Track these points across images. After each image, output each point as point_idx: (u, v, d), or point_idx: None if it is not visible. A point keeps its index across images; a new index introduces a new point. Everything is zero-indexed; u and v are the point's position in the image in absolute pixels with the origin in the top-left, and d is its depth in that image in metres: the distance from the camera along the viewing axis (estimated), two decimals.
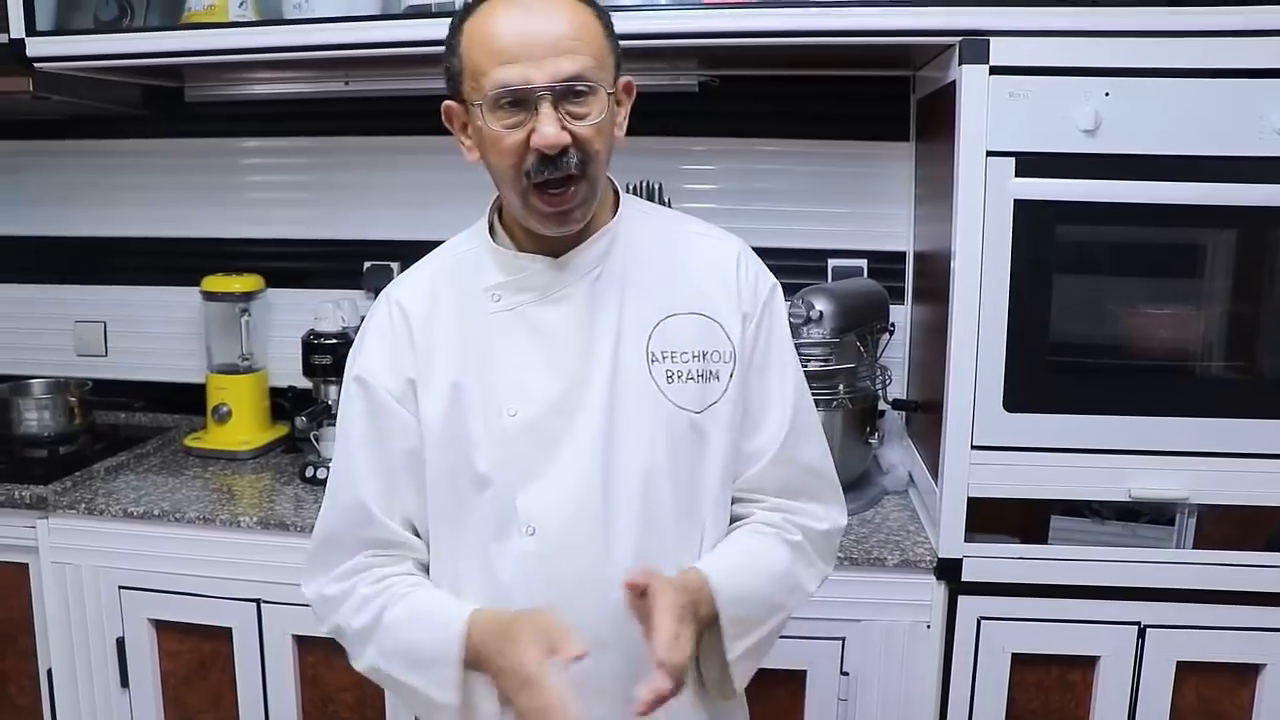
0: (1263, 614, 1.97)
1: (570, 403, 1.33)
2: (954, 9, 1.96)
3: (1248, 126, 1.85)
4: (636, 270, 1.39)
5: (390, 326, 1.41)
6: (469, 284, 1.40)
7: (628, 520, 1.32)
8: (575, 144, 1.25)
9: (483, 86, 1.25)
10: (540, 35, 1.23)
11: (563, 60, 1.22)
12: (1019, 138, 1.89)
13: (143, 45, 2.35)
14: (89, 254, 2.94)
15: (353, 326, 2.54)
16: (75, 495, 2.31)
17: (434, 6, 2.21)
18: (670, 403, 1.35)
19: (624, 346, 1.35)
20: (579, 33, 1.25)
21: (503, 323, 1.37)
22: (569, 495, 1.32)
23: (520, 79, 1.22)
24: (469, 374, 1.36)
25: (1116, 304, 2.01)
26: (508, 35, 1.23)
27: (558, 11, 1.25)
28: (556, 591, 1.30)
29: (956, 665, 2.04)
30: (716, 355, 1.37)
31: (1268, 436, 1.93)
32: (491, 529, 1.34)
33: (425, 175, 2.72)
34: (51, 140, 2.92)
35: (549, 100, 1.23)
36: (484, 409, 1.34)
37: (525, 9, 1.25)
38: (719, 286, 1.41)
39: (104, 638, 2.28)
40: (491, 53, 1.24)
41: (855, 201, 2.57)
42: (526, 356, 1.35)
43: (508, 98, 1.24)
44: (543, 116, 1.23)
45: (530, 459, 1.32)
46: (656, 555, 1.32)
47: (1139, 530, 2.00)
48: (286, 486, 2.44)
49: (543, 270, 1.36)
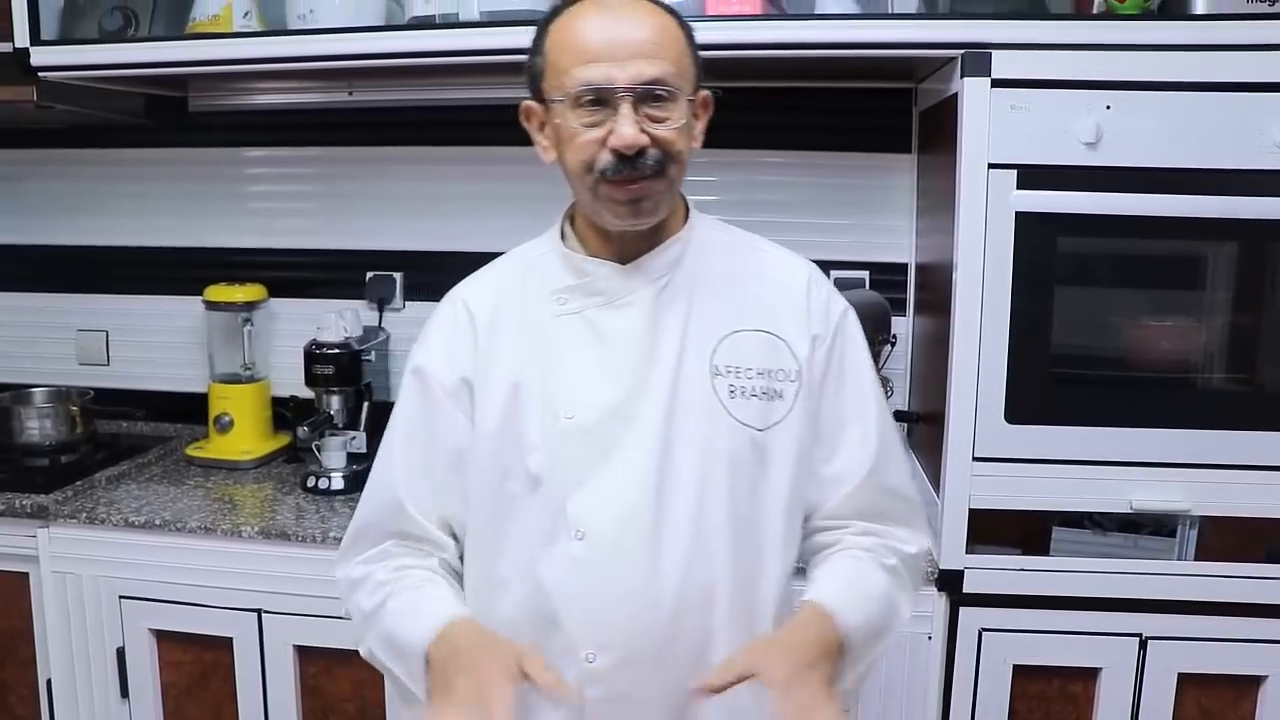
0: (1264, 625, 1.97)
1: (628, 410, 1.31)
2: (956, 22, 1.98)
3: (1248, 140, 1.86)
4: (704, 282, 1.38)
5: (453, 324, 1.42)
6: (537, 287, 1.40)
7: (679, 532, 1.30)
8: (654, 144, 1.25)
9: (564, 84, 1.26)
10: (625, 37, 1.24)
11: (645, 63, 1.24)
12: (1021, 150, 1.90)
13: (147, 55, 2.36)
14: (91, 263, 2.94)
15: (355, 337, 2.55)
16: (76, 504, 2.31)
17: (438, 18, 2.22)
18: (732, 418, 1.33)
19: (687, 357, 1.34)
20: (662, 38, 1.26)
21: (567, 326, 1.36)
22: (621, 502, 1.30)
23: (603, 78, 1.23)
24: (529, 375, 1.35)
25: (1118, 316, 2.02)
26: (593, 36, 1.25)
27: (643, 17, 1.27)
28: (600, 599, 1.29)
29: (958, 677, 2.04)
30: (781, 374, 1.36)
31: (1269, 448, 1.93)
32: (539, 532, 1.32)
33: (429, 186, 2.73)
34: (55, 149, 2.92)
35: (629, 101, 1.24)
36: (541, 411, 1.33)
37: (612, 12, 1.27)
38: (787, 306, 1.39)
39: (104, 647, 2.27)
40: (576, 52, 1.25)
41: (857, 213, 2.58)
42: (587, 361, 1.34)
43: (589, 95, 1.25)
44: (622, 117, 1.24)
45: (584, 463, 1.31)
46: (706, 571, 1.31)
47: (1140, 542, 2.00)
48: (288, 496, 2.43)
49: (610, 275, 1.36)
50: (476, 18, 2.20)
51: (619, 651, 1.28)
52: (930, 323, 2.32)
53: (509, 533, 1.35)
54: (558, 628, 1.30)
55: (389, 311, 2.75)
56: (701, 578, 1.30)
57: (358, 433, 2.54)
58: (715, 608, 1.31)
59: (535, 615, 1.32)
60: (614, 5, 1.28)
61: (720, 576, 1.31)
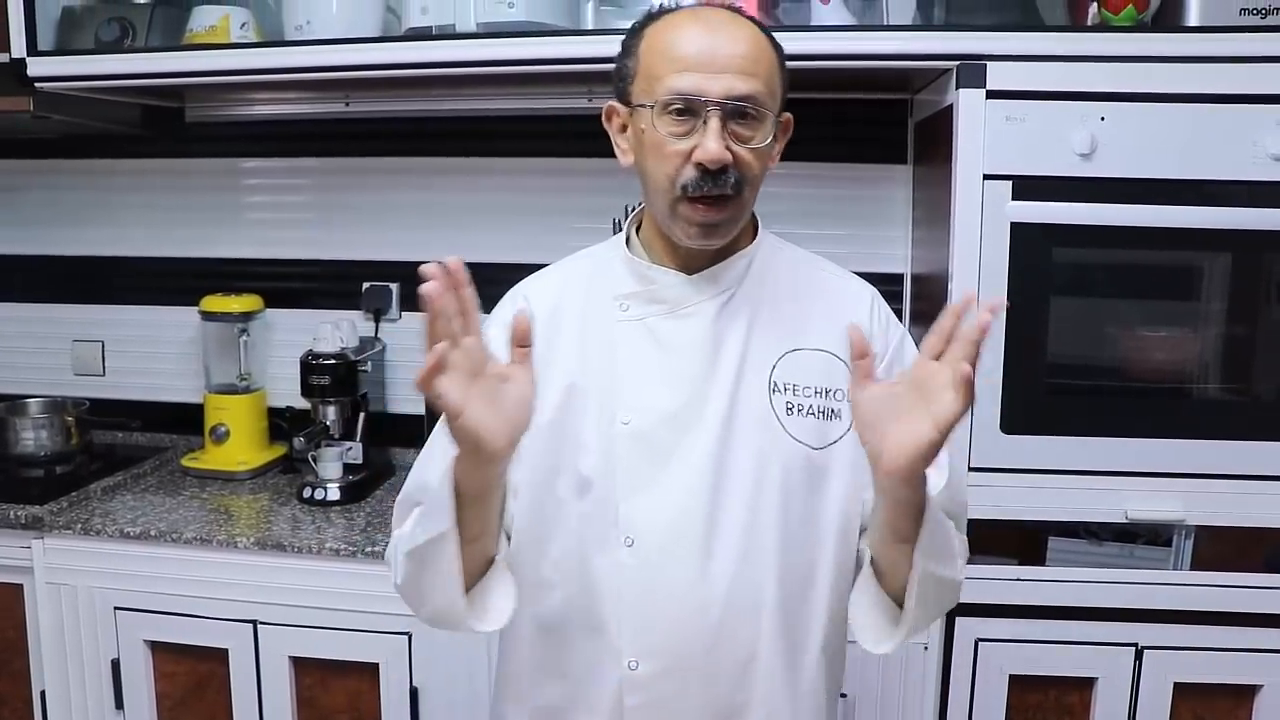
0: (1260, 635, 1.98)
1: (685, 419, 1.31)
2: (952, 34, 1.99)
3: (1241, 151, 1.87)
4: (768, 299, 1.38)
5: (513, 316, 1.38)
6: (600, 290, 1.40)
7: (729, 545, 1.29)
8: (735, 164, 1.25)
9: (655, 90, 1.26)
10: (720, 51, 1.24)
11: (738, 79, 1.23)
12: (1016, 161, 1.91)
13: (144, 66, 2.36)
14: (87, 273, 2.94)
15: (351, 347, 2.55)
16: (71, 515, 2.31)
17: (434, 29, 2.22)
18: (788, 434, 1.32)
19: (747, 372, 1.34)
20: (757, 56, 1.26)
21: (628, 332, 1.36)
22: (672, 511, 1.29)
23: (695, 88, 1.23)
24: (588, 377, 1.35)
25: (1113, 326, 2.02)
26: (689, 45, 1.25)
27: (741, 34, 1.26)
28: (646, 606, 1.29)
29: (954, 687, 2.04)
30: (840, 394, 1.34)
31: (1264, 458, 1.94)
32: (587, 535, 1.32)
33: (425, 196, 2.74)
34: (51, 159, 2.92)
35: (719, 115, 1.23)
36: (598, 414, 1.33)
37: (710, 25, 1.27)
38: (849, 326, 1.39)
39: (99, 659, 2.27)
40: (670, 59, 1.25)
41: (853, 224, 2.59)
42: (647, 368, 1.33)
43: (679, 104, 1.24)
44: (710, 131, 1.23)
45: (637, 469, 1.31)
46: (753, 585, 1.30)
47: (1136, 552, 2.00)
48: (284, 507, 2.43)
49: (675, 284, 1.35)
50: (473, 29, 2.20)
51: (662, 660, 1.29)
52: (925, 333, 2.32)
53: (556, 534, 1.34)
54: (602, 633, 1.30)
55: (385, 322, 2.75)
56: (749, 591, 1.30)
57: (354, 443, 2.54)
58: (761, 622, 1.31)
59: (580, 619, 1.32)
60: (713, 18, 1.28)
61: (767, 591, 1.31)
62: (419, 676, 2.16)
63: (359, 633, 2.16)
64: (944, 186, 2.01)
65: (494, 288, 1.47)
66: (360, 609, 2.15)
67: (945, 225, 2.00)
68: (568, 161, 2.61)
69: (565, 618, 1.33)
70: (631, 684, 1.29)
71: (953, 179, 1.94)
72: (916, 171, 2.51)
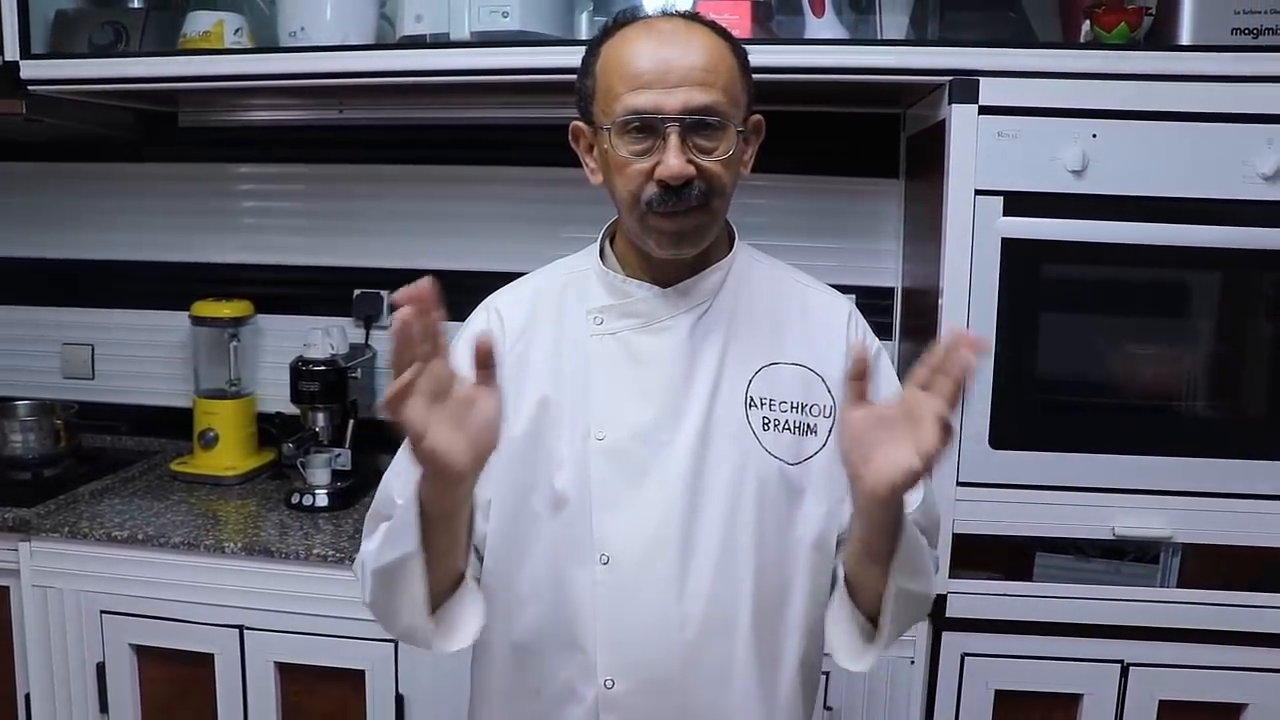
0: (1245, 654, 1.98)
1: (660, 434, 1.30)
2: (945, 49, 2.00)
3: (1232, 170, 1.88)
4: (744, 312, 1.37)
5: (484, 330, 1.37)
6: (573, 303, 1.38)
7: (705, 561, 1.29)
8: (700, 176, 1.24)
9: (613, 110, 1.25)
10: (675, 64, 1.22)
11: (695, 91, 1.22)
12: (1007, 177, 1.92)
13: (138, 70, 2.36)
14: (78, 276, 2.93)
15: (341, 354, 2.54)
16: (58, 518, 2.30)
17: (429, 37, 2.23)
18: (763, 449, 1.32)
19: (723, 386, 1.33)
20: (714, 66, 1.24)
21: (602, 346, 1.34)
22: (649, 527, 1.28)
23: (651, 105, 1.22)
24: (561, 392, 1.33)
25: (1102, 343, 2.03)
26: (642, 61, 1.23)
27: (695, 43, 1.24)
28: (623, 624, 1.28)
29: (940, 702, 2.04)
30: (816, 409, 1.34)
31: (1251, 476, 1.94)
32: (562, 552, 1.31)
33: (417, 204, 2.74)
34: (43, 163, 2.92)
35: (677, 130, 1.22)
36: (571, 429, 1.32)
37: (662, 37, 1.25)
38: (826, 342, 1.38)
39: (84, 662, 2.26)
40: (624, 77, 1.24)
41: (844, 237, 2.59)
42: (622, 382, 1.32)
43: (636, 123, 1.23)
44: (670, 147, 1.22)
45: (612, 485, 1.30)
46: (729, 601, 1.30)
47: (1123, 568, 2.00)
48: (272, 513, 2.43)
49: (649, 298, 1.34)
50: (467, 38, 2.20)
51: (639, 678, 1.28)
52: (916, 347, 2.32)
53: (530, 550, 1.33)
54: (578, 651, 1.30)
55: (376, 329, 2.75)
56: (725, 607, 1.29)
57: (343, 450, 2.54)
58: (736, 638, 1.30)
59: (555, 636, 1.31)
60: (665, 29, 1.26)
61: (743, 607, 1.30)
62: (405, 684, 2.16)
63: (345, 639, 2.16)
64: (935, 201, 2.02)
65: (484, 295, 1.47)
66: (347, 615, 2.14)
67: (936, 240, 2.00)
68: (559, 171, 2.61)
69: (539, 636, 1.32)
70: (608, 702, 1.28)
71: (944, 194, 1.95)
72: (908, 186, 2.51)
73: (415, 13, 2.23)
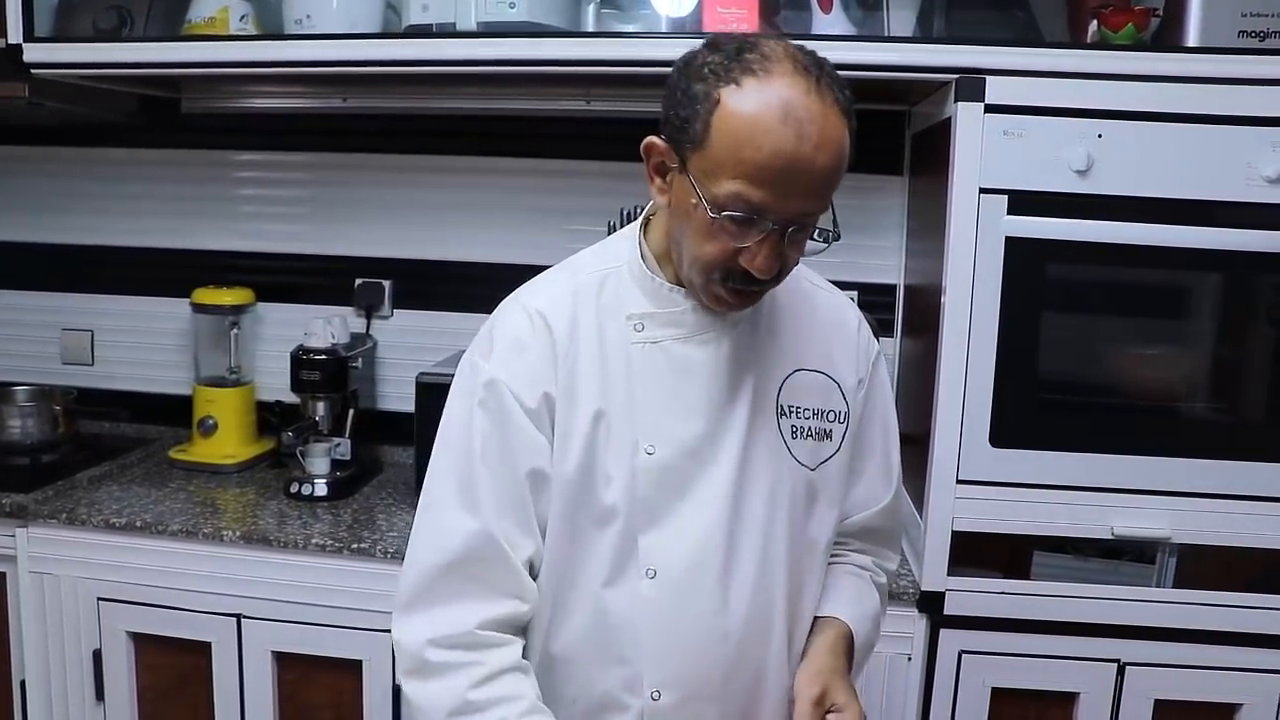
0: (1241, 654, 1.98)
1: (707, 448, 1.28)
2: (951, 47, 2.00)
3: (1236, 173, 1.88)
4: (771, 318, 1.35)
5: (532, 336, 1.29)
6: (609, 306, 1.31)
7: (746, 572, 1.29)
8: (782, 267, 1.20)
9: (719, 182, 1.13)
10: (806, 173, 1.11)
11: (813, 200, 1.15)
12: (1012, 176, 1.92)
13: (141, 55, 2.36)
14: (79, 262, 2.93)
15: (342, 343, 2.54)
16: (56, 505, 2.30)
17: (435, 27, 2.22)
18: (793, 458, 1.32)
19: (760, 397, 1.31)
20: (837, 173, 1.15)
21: (645, 356, 1.29)
22: (694, 542, 1.27)
23: (764, 207, 1.13)
24: (612, 404, 1.28)
25: (1104, 343, 2.03)
26: (774, 158, 1.10)
27: (831, 145, 1.12)
28: (669, 637, 1.27)
29: (937, 699, 2.05)
30: (832, 415, 1.35)
31: (1249, 478, 1.95)
32: (607, 568, 1.28)
33: (420, 194, 2.74)
34: (45, 147, 2.91)
35: (779, 233, 1.15)
36: (621, 443, 1.27)
37: (802, 133, 1.10)
38: (840, 348, 1.39)
39: (80, 649, 2.26)
40: (744, 161, 1.11)
41: (847, 233, 2.51)
42: (668, 395, 1.28)
43: (742, 216, 1.14)
44: (767, 246, 1.15)
45: (659, 500, 1.27)
46: (766, 607, 1.30)
47: (1121, 568, 2.01)
48: (271, 501, 2.43)
49: (694, 309, 1.29)
50: (473, 28, 2.20)
51: (685, 689, 1.28)
52: (918, 345, 2.33)
53: (575, 567, 1.29)
54: (624, 664, 1.28)
55: (377, 319, 2.75)
56: (763, 614, 1.30)
57: (343, 439, 2.54)
58: (771, 642, 1.32)
59: (596, 649, 1.30)
60: (804, 118, 1.10)
61: (777, 614, 1.32)
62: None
63: (343, 629, 2.16)
64: (939, 199, 2.02)
65: (485, 286, 1.46)
66: (345, 605, 2.15)
67: (940, 237, 2.00)
68: (564, 163, 2.61)
69: (580, 647, 1.30)
70: (654, 713, 1.28)
71: (949, 191, 1.95)
72: (912, 183, 2.52)
73: (422, 2, 2.22)
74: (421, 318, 2.76)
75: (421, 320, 2.76)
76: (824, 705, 1.27)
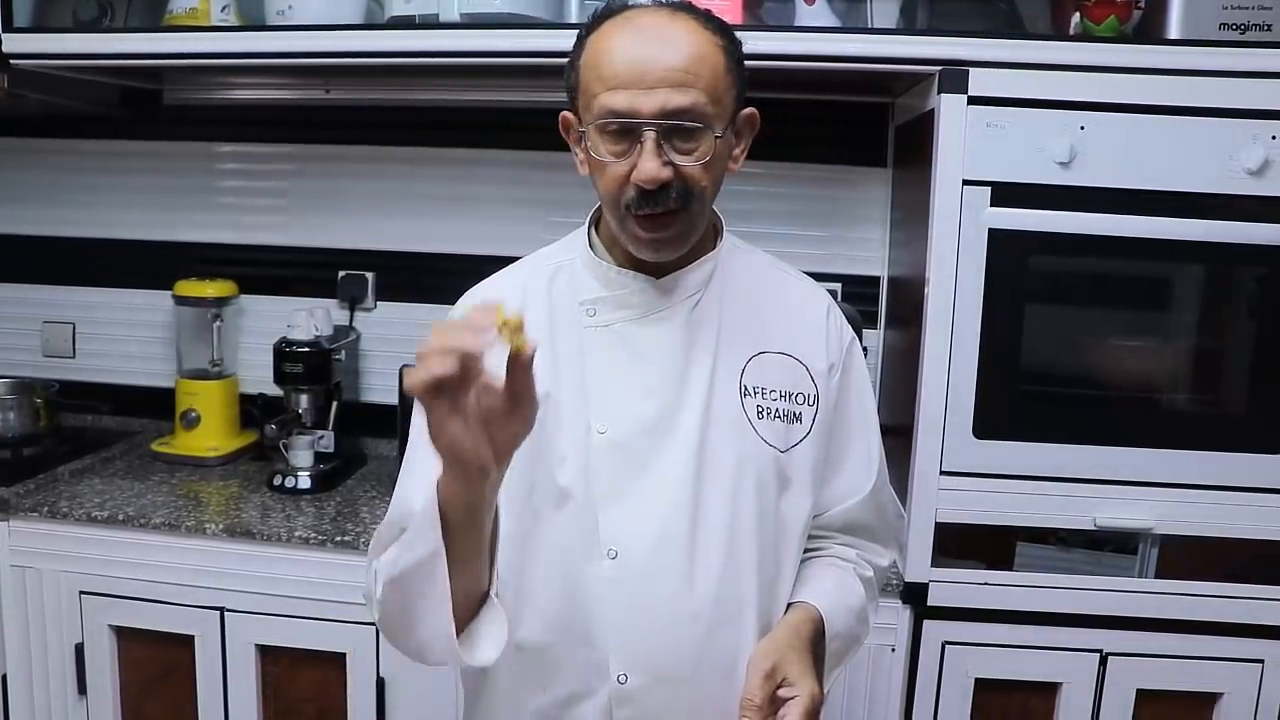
0: (1222, 644, 2.00)
1: (662, 426, 1.29)
2: (935, 39, 1.99)
3: (1218, 165, 1.89)
4: (733, 302, 1.37)
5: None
6: (562, 295, 1.36)
7: (712, 551, 1.29)
8: (678, 177, 1.21)
9: (591, 109, 1.21)
10: (652, 64, 1.17)
11: (673, 93, 1.17)
12: (995, 168, 1.92)
13: (122, 46, 2.34)
14: (60, 254, 2.90)
15: (325, 335, 2.53)
16: (38, 498, 2.29)
17: (417, 18, 2.21)
18: (760, 438, 1.32)
19: (719, 376, 1.32)
20: (695, 65, 1.19)
21: (598, 338, 1.33)
22: (655, 521, 1.28)
23: (627, 107, 1.18)
24: (559, 386, 1.30)
25: (1087, 335, 2.03)
26: (620, 60, 1.19)
27: (676, 39, 1.19)
28: (634, 619, 1.27)
29: (920, 689, 2.05)
30: (801, 397, 1.35)
31: (1230, 469, 1.96)
32: (568, 549, 1.29)
33: (403, 185, 2.72)
34: (25, 138, 2.89)
35: (654, 134, 1.18)
36: (571, 423, 1.30)
37: (642, 33, 1.20)
38: (807, 332, 1.39)
39: (62, 643, 2.25)
40: (602, 76, 1.20)
41: (831, 225, 2.59)
42: (620, 375, 1.31)
43: (613, 125, 1.20)
44: (645, 151, 1.19)
45: (616, 479, 1.28)
46: (735, 590, 1.30)
47: (1103, 559, 2.02)
48: (254, 494, 2.42)
49: (644, 289, 1.33)
50: (456, 19, 2.19)
51: (652, 672, 1.28)
52: (901, 336, 2.33)
53: (535, 548, 1.31)
54: (590, 648, 1.29)
55: (360, 311, 2.74)
56: (732, 597, 1.30)
57: (326, 432, 2.53)
58: (743, 626, 1.31)
59: (563, 633, 1.30)
60: (646, 23, 1.21)
61: (748, 597, 1.31)
62: (386, 667, 2.15)
63: (327, 622, 2.15)
64: (923, 190, 2.02)
65: (469, 279, 1.45)
66: (328, 598, 2.14)
67: (923, 229, 2.00)
68: (547, 155, 2.60)
69: (547, 633, 1.30)
70: (621, 697, 1.28)
71: (932, 183, 1.95)
72: (896, 175, 2.52)
73: None
74: (405, 310, 2.75)
75: (405, 312, 2.75)
76: (774, 679, 1.23)
